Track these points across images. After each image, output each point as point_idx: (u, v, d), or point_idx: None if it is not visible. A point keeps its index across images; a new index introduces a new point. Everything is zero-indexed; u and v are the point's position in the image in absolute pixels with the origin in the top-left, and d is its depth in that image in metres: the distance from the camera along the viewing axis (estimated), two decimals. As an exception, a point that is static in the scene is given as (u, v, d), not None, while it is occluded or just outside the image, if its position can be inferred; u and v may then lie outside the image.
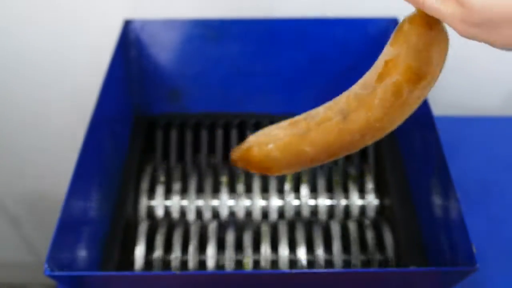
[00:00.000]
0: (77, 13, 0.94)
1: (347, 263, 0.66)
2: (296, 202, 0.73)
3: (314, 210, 0.73)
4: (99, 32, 0.93)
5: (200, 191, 0.74)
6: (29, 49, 0.99)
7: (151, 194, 0.73)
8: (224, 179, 0.75)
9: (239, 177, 0.75)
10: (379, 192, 0.74)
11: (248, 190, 0.74)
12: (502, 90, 1.04)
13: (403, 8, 0.94)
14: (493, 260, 0.70)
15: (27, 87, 1.05)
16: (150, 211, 0.72)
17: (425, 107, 0.62)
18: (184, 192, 0.73)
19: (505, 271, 0.70)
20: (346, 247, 0.66)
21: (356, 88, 0.48)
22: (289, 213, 0.72)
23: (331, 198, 0.73)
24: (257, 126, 0.79)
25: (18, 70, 1.02)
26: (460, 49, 0.98)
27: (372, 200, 0.72)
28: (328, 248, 0.66)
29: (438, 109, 0.63)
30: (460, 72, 1.01)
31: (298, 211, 0.73)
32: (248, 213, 0.72)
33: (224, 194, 0.72)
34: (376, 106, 0.45)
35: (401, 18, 0.73)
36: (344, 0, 0.90)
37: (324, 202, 0.72)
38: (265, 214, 0.72)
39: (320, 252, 0.65)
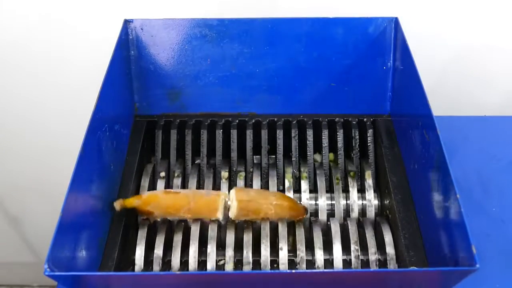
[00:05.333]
0: (77, 13, 0.94)
1: (347, 263, 0.66)
2: (296, 202, 0.73)
3: (314, 210, 0.73)
4: (99, 31, 0.94)
5: (200, 191, 0.74)
6: (29, 49, 0.99)
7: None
8: (224, 179, 0.75)
9: (239, 177, 0.75)
10: (379, 192, 0.74)
11: (248, 190, 0.74)
12: (501, 90, 1.04)
13: (403, 8, 0.95)
14: (493, 260, 0.70)
15: (27, 87, 1.05)
16: (150, 211, 0.72)
17: (425, 107, 0.62)
18: (184, 192, 0.73)
19: (505, 271, 0.70)
20: (346, 247, 0.66)
21: None
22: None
23: (331, 198, 0.73)
24: (257, 126, 0.79)
25: (18, 71, 1.02)
26: (460, 50, 0.99)
27: (372, 200, 0.72)
28: (328, 248, 0.66)
29: (438, 109, 0.63)
30: (460, 72, 1.01)
31: (298, 211, 0.73)
32: (248, 213, 0.72)
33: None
34: None
35: (401, 18, 0.74)
36: (344, 0, 0.91)
37: (324, 202, 0.72)
38: (265, 214, 0.72)
39: (320, 252, 0.65)
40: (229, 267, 0.65)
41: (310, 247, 0.67)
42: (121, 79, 0.74)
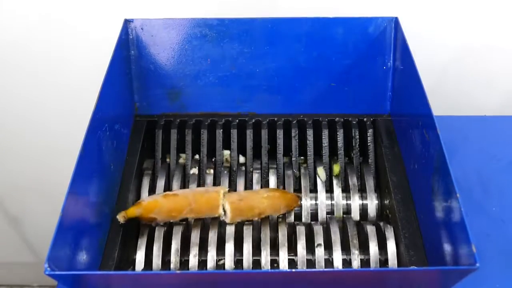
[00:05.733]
0: (77, 13, 0.94)
1: (347, 262, 0.66)
2: (296, 202, 0.73)
3: (314, 210, 0.73)
4: (99, 31, 0.94)
5: (200, 191, 0.73)
6: (29, 49, 0.99)
7: (151, 194, 0.72)
8: (224, 179, 0.75)
9: (239, 178, 0.75)
10: (379, 192, 0.74)
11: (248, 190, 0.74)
12: (501, 90, 1.04)
13: (403, 8, 0.95)
14: (493, 260, 0.70)
15: (27, 87, 1.05)
16: (150, 211, 0.72)
17: (425, 107, 0.62)
18: (184, 192, 0.73)
19: (505, 271, 0.70)
20: (346, 247, 0.66)
21: None
22: (289, 213, 0.72)
23: (331, 198, 0.73)
24: (257, 126, 0.79)
25: (18, 71, 1.02)
26: (460, 50, 0.99)
27: (372, 200, 0.72)
28: (328, 248, 0.66)
29: (438, 109, 0.63)
30: (460, 72, 1.01)
31: (298, 211, 0.73)
32: (248, 213, 0.72)
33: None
34: None
35: (401, 18, 0.74)
36: (344, 0, 0.91)
37: (324, 202, 0.72)
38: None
39: (320, 252, 0.65)
40: (229, 266, 0.65)
41: (310, 247, 0.67)
42: (121, 79, 0.74)
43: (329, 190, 0.74)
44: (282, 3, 0.91)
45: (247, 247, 0.66)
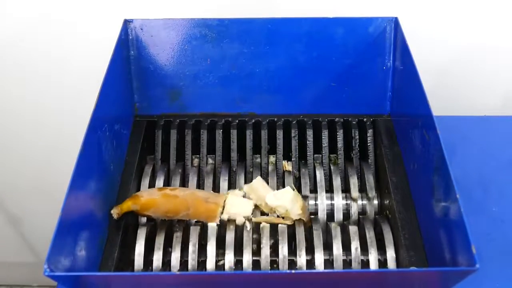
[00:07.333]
0: (77, 13, 0.94)
1: (347, 263, 0.66)
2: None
3: (314, 210, 0.73)
4: (99, 31, 0.94)
5: (200, 191, 0.73)
6: (29, 49, 0.99)
7: (151, 194, 0.72)
8: (223, 179, 0.75)
9: (239, 178, 0.75)
10: (379, 192, 0.74)
11: (248, 190, 0.74)
12: (501, 90, 1.04)
13: (403, 8, 0.95)
14: (493, 260, 0.70)
15: (27, 87, 1.05)
16: (150, 211, 0.72)
17: (425, 107, 0.62)
18: (184, 192, 0.73)
19: (505, 271, 0.70)
20: (346, 247, 0.66)
21: None
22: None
23: (331, 198, 0.73)
24: (257, 126, 0.79)
25: (18, 71, 1.02)
26: (460, 50, 0.98)
27: (372, 200, 0.72)
28: (328, 248, 0.66)
29: (438, 109, 0.63)
30: (460, 72, 1.01)
31: (298, 211, 0.72)
32: (248, 213, 0.71)
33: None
34: None
35: (401, 18, 0.74)
36: (344, 0, 0.91)
37: (324, 202, 0.72)
38: (265, 213, 0.72)
39: (320, 252, 0.65)
40: (228, 267, 0.65)
41: (310, 248, 0.67)
42: (121, 79, 0.74)
43: (329, 190, 0.74)
44: (282, 3, 0.91)
45: (247, 248, 0.66)
